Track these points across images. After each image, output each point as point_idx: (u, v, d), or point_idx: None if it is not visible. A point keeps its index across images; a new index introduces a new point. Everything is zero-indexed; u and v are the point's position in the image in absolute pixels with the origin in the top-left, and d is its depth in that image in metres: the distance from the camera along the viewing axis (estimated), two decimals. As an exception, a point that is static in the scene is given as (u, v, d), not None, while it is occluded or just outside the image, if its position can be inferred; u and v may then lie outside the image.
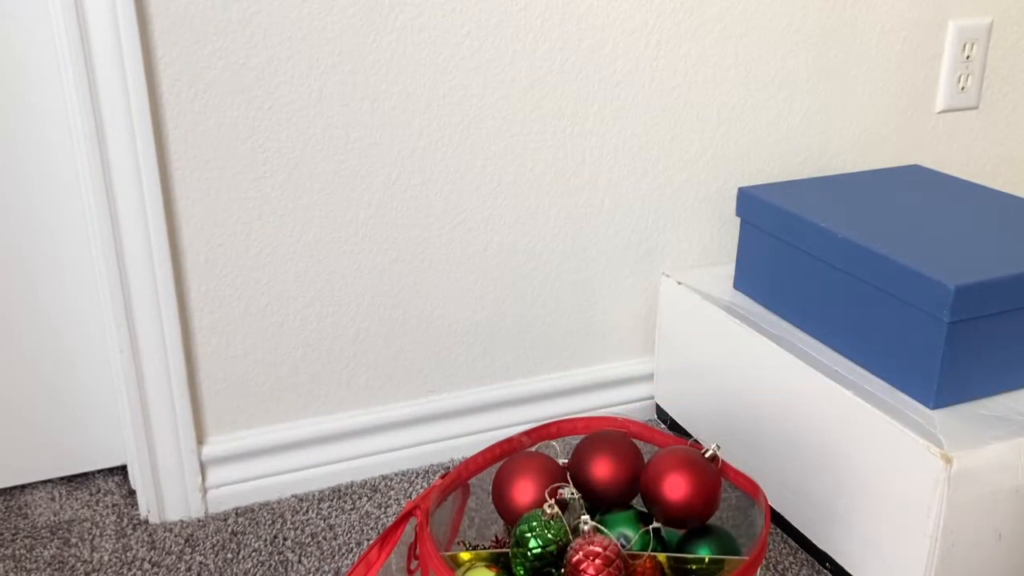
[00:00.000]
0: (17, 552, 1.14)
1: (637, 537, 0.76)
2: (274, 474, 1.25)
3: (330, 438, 1.27)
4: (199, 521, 1.21)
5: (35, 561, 1.13)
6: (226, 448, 1.22)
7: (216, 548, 1.16)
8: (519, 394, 1.35)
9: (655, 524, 0.78)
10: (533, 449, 0.87)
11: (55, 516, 1.21)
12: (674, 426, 1.38)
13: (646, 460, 0.82)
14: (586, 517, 0.73)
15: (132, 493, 1.25)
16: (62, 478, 1.28)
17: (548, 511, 0.74)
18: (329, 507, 1.23)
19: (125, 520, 1.21)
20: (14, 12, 1.08)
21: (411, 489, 1.27)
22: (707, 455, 0.80)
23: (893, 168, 1.39)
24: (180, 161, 1.10)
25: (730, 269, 1.33)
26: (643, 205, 1.34)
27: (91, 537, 1.17)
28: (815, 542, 1.13)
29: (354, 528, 1.20)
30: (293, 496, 1.25)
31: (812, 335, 1.17)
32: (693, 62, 1.29)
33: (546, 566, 0.73)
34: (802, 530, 1.15)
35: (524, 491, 0.80)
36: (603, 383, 1.40)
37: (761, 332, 1.18)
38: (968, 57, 1.45)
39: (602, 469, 0.81)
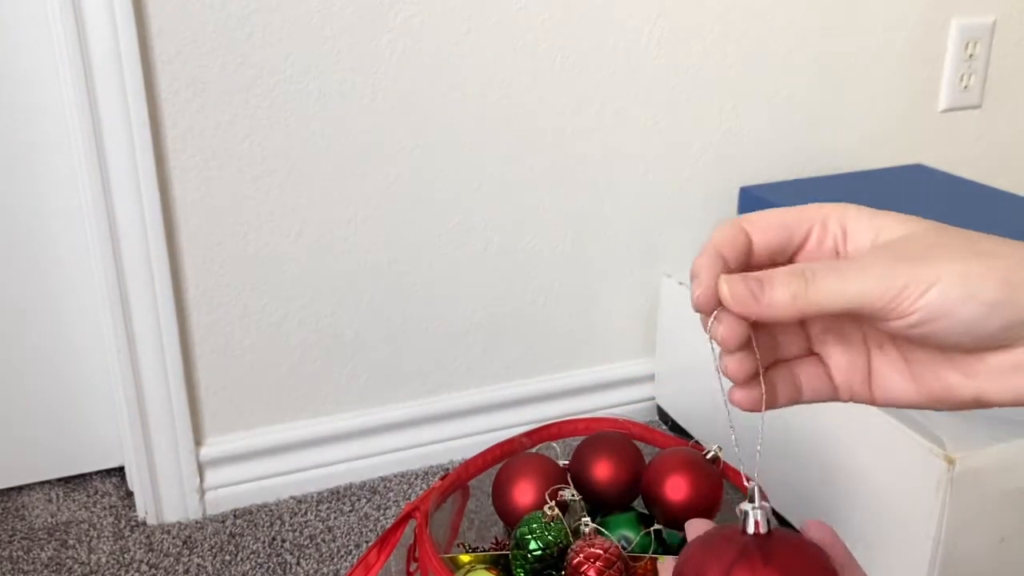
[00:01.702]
0: (14, 554, 1.14)
1: (638, 539, 0.76)
2: (272, 475, 1.24)
3: (329, 439, 1.26)
4: (197, 523, 1.20)
5: (32, 563, 1.12)
6: (224, 449, 1.22)
7: (214, 550, 1.15)
8: (519, 395, 1.34)
9: (656, 526, 0.77)
10: (533, 450, 0.87)
11: (52, 518, 1.21)
12: (675, 427, 1.38)
13: (647, 461, 0.81)
14: (587, 519, 0.73)
15: (130, 494, 1.25)
16: (59, 479, 1.28)
17: (548, 513, 0.73)
18: (328, 509, 1.23)
19: (123, 522, 1.20)
20: (12, 11, 1.07)
21: (410, 491, 1.27)
22: (708, 456, 0.80)
23: (896, 167, 1.39)
24: (178, 160, 1.10)
25: (731, 269, 1.33)
26: (644, 205, 1.33)
27: (89, 539, 1.17)
28: (817, 544, 1.12)
29: (353, 530, 1.19)
30: (291, 498, 1.25)
31: (814, 335, 1.16)
32: (694, 61, 1.29)
33: (546, 568, 0.73)
34: (804, 532, 1.14)
35: (524, 493, 0.79)
36: (604, 384, 1.39)
37: (763, 332, 1.17)
38: (971, 56, 1.45)
39: (603, 470, 0.81)
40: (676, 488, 0.77)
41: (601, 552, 0.69)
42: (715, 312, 0.41)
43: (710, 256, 0.41)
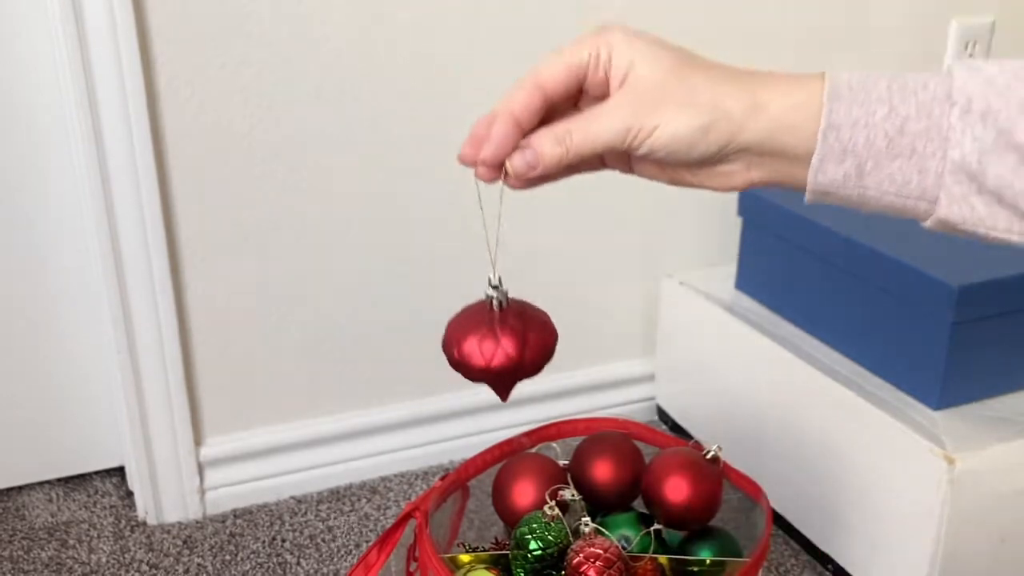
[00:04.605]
0: (15, 554, 1.14)
1: (638, 539, 0.76)
2: (272, 475, 1.24)
3: (329, 439, 1.26)
4: (197, 523, 1.20)
5: (32, 563, 1.12)
6: (224, 449, 1.22)
7: (214, 550, 1.15)
8: (519, 395, 1.33)
9: (656, 526, 0.77)
10: (533, 450, 0.87)
11: (52, 517, 1.21)
12: (675, 427, 1.38)
13: (647, 461, 0.81)
14: (587, 519, 0.73)
15: (130, 494, 1.25)
16: (59, 479, 1.28)
17: (549, 513, 0.73)
18: (328, 509, 1.23)
19: (123, 522, 1.20)
20: (11, 11, 1.07)
21: (410, 491, 1.27)
22: (708, 456, 0.80)
23: (895, 168, 1.39)
24: (177, 160, 1.10)
25: (732, 269, 1.33)
26: (644, 205, 1.33)
27: (89, 539, 1.17)
28: (817, 544, 1.12)
29: (353, 530, 1.19)
30: (291, 498, 1.25)
31: (814, 336, 1.16)
32: (694, 61, 1.29)
33: (546, 568, 0.73)
34: (804, 532, 1.14)
35: (524, 493, 0.79)
36: (604, 384, 1.39)
37: (763, 333, 1.17)
38: (971, 56, 1.45)
39: (603, 471, 0.81)
40: (676, 488, 0.76)
41: (601, 552, 0.69)
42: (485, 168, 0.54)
43: (508, 127, 0.52)
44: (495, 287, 0.55)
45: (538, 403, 1.36)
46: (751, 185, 0.52)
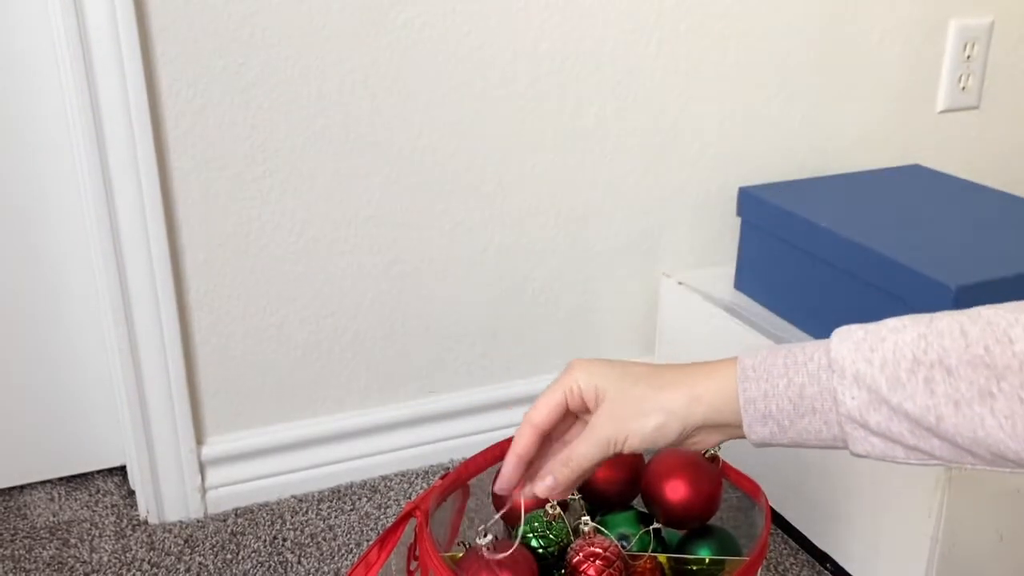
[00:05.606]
0: (16, 553, 1.14)
1: (637, 538, 0.76)
2: (273, 475, 1.24)
3: (330, 438, 1.27)
4: (198, 522, 1.20)
5: (34, 562, 1.13)
6: (225, 448, 1.22)
7: (215, 549, 1.15)
8: (519, 394, 1.35)
9: (656, 525, 0.77)
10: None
11: (54, 517, 1.21)
12: (674, 426, 1.38)
13: (647, 461, 0.82)
14: (586, 518, 0.73)
15: (131, 494, 1.25)
16: (61, 478, 1.28)
17: (549, 512, 0.74)
18: (329, 508, 1.23)
19: (124, 521, 1.20)
20: (13, 11, 1.08)
21: (411, 490, 1.27)
22: (708, 456, 0.80)
23: (894, 168, 1.39)
24: (179, 160, 1.10)
25: (731, 269, 1.33)
26: (643, 205, 1.33)
27: (90, 538, 1.17)
28: (816, 543, 1.13)
29: (353, 529, 1.19)
30: (292, 497, 1.25)
31: (813, 335, 1.17)
32: (693, 61, 1.29)
33: (547, 567, 0.73)
34: (803, 531, 1.14)
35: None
36: (603, 383, 1.39)
37: (762, 332, 1.18)
38: (969, 57, 1.45)
39: (603, 470, 0.81)
40: (675, 488, 0.77)
41: (601, 551, 0.69)
42: (514, 493, 0.69)
43: (515, 466, 0.67)
44: (486, 536, 0.71)
45: (538, 402, 1.36)
46: (718, 444, 0.66)
